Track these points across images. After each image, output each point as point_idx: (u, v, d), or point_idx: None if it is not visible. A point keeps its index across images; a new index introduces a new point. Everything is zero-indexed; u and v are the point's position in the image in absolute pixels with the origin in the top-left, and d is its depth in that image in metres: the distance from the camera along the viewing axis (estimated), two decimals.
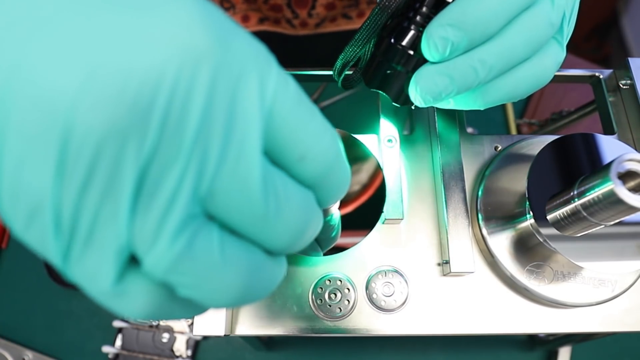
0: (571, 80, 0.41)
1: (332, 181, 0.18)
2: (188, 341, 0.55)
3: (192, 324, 0.42)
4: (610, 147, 0.33)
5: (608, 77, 0.40)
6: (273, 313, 0.33)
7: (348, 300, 0.33)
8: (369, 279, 0.34)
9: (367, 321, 0.33)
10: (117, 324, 0.55)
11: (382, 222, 0.35)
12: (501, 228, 0.34)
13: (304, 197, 0.17)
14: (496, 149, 0.38)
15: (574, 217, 0.29)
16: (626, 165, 0.26)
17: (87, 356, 0.55)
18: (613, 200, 0.26)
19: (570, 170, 0.32)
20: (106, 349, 0.54)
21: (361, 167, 0.35)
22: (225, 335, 0.31)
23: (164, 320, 0.56)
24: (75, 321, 0.56)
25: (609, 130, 0.39)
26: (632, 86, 0.38)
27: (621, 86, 0.39)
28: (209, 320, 0.31)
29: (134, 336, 0.55)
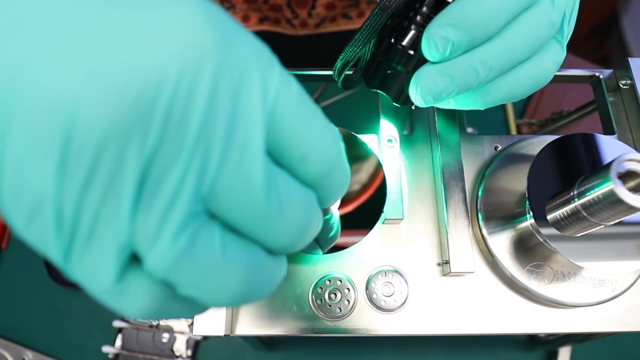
0: (571, 80, 0.41)
1: (333, 181, 0.18)
2: (188, 341, 0.55)
3: (192, 324, 0.42)
4: (610, 147, 0.33)
5: (608, 77, 0.40)
6: (273, 313, 0.33)
7: (348, 300, 0.33)
8: (369, 279, 0.34)
9: (367, 321, 0.33)
10: (117, 324, 0.55)
11: (382, 222, 0.35)
12: (501, 228, 0.34)
13: (305, 197, 0.17)
14: (496, 149, 0.38)
15: (574, 217, 0.29)
16: (626, 165, 0.26)
17: (87, 356, 0.55)
18: (613, 200, 0.26)
19: (570, 170, 0.32)
20: (106, 349, 0.54)
21: (362, 166, 0.35)
22: (225, 335, 0.31)
23: (164, 320, 0.56)
24: (75, 321, 0.56)
25: (609, 130, 0.39)
26: (632, 86, 0.38)
27: (621, 86, 0.39)
28: (209, 320, 0.31)
29: (134, 336, 0.55)
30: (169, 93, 0.14)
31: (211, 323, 0.31)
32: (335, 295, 0.33)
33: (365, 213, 0.34)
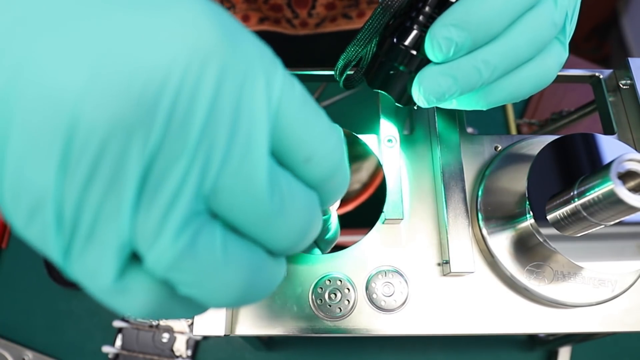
0: (571, 80, 0.41)
1: (335, 183, 0.18)
2: (188, 341, 0.55)
3: (192, 324, 0.42)
4: (610, 147, 0.33)
5: (608, 77, 0.40)
6: (273, 313, 0.33)
7: (348, 300, 0.33)
8: (369, 279, 0.34)
9: (367, 321, 0.33)
10: (117, 324, 0.55)
11: (382, 222, 0.35)
12: (501, 228, 0.34)
13: (308, 199, 0.17)
14: (496, 149, 0.38)
15: (574, 217, 0.29)
16: (626, 165, 0.26)
17: (87, 356, 0.55)
18: (613, 200, 0.26)
19: (570, 170, 0.32)
20: (106, 349, 0.54)
21: (362, 166, 0.35)
22: (225, 335, 0.31)
23: (164, 320, 0.56)
24: (75, 321, 0.56)
25: (609, 130, 0.39)
26: (632, 86, 0.38)
27: (621, 86, 0.39)
28: (209, 320, 0.31)
29: (134, 336, 0.55)
30: (173, 91, 0.14)
31: (211, 323, 0.31)
32: (335, 295, 0.33)
33: (365, 213, 0.34)
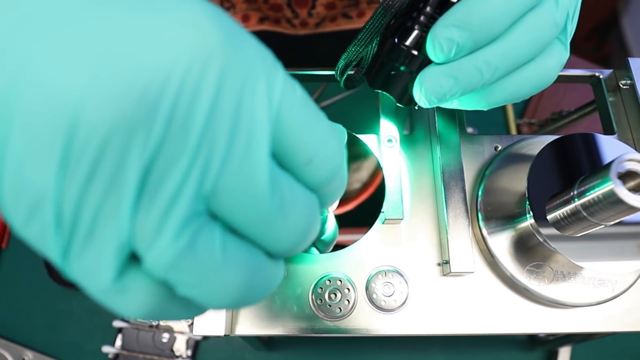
0: (571, 80, 0.41)
1: (334, 186, 0.18)
2: (188, 341, 0.55)
3: (192, 324, 0.42)
4: (610, 147, 0.33)
5: (608, 77, 0.40)
6: (273, 313, 0.33)
7: (348, 300, 0.33)
8: (369, 279, 0.33)
9: (367, 321, 0.33)
10: (117, 324, 0.55)
11: (382, 222, 0.35)
12: (501, 228, 0.34)
13: (308, 201, 0.17)
14: (496, 149, 0.38)
15: (574, 217, 0.29)
16: (626, 165, 0.26)
17: (87, 356, 0.55)
18: (613, 200, 0.26)
19: (570, 170, 0.32)
20: (106, 349, 0.54)
21: (361, 166, 0.35)
22: (225, 335, 0.31)
23: (164, 320, 0.56)
24: (75, 321, 0.56)
25: (609, 130, 0.39)
26: (632, 86, 0.38)
27: (621, 86, 0.39)
28: (209, 320, 0.31)
29: (134, 336, 0.55)
30: (174, 92, 0.14)
31: (211, 323, 0.31)
32: (335, 295, 0.33)
33: (364, 212, 0.34)
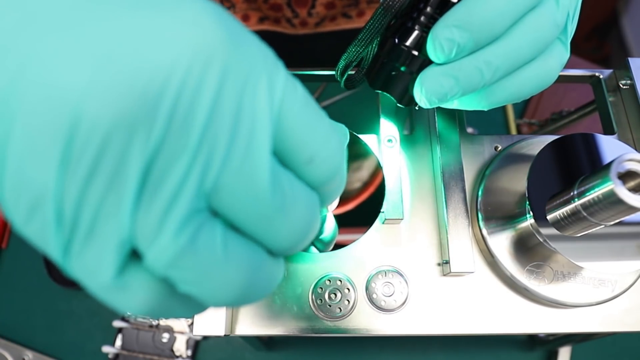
0: (571, 80, 0.41)
1: (334, 185, 0.18)
2: (188, 341, 0.55)
3: (192, 324, 0.42)
4: (610, 147, 0.33)
5: (608, 77, 0.40)
6: (273, 313, 0.33)
7: (348, 300, 0.33)
8: (369, 279, 0.33)
9: (367, 321, 0.33)
10: (117, 324, 0.55)
11: (382, 222, 0.35)
12: (501, 228, 0.34)
13: (309, 200, 0.17)
14: (496, 149, 0.38)
15: (574, 217, 0.29)
16: (626, 165, 0.26)
17: (87, 356, 0.55)
18: (613, 200, 0.26)
19: (570, 170, 0.32)
20: (106, 349, 0.54)
21: (361, 165, 0.35)
22: (225, 335, 0.31)
23: (164, 320, 0.56)
24: (75, 321, 0.56)
25: (609, 130, 0.39)
26: (632, 86, 0.38)
27: (621, 86, 0.39)
28: (209, 320, 0.31)
29: (134, 336, 0.55)
30: (175, 89, 0.14)
31: (211, 323, 0.31)
32: (335, 295, 0.33)
33: (364, 212, 0.34)
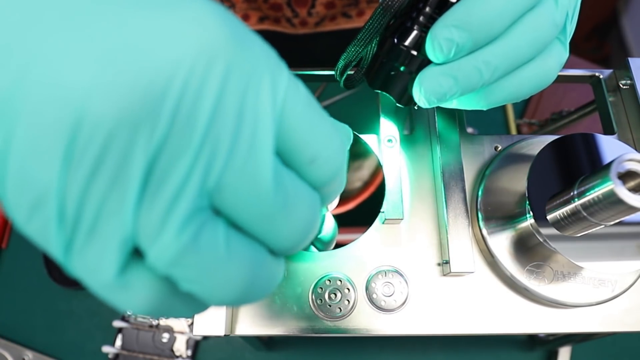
0: (571, 80, 0.41)
1: (335, 185, 0.18)
2: (188, 341, 0.55)
3: (192, 324, 0.41)
4: (610, 147, 0.33)
5: (608, 77, 0.40)
6: (273, 313, 0.33)
7: (348, 300, 0.33)
8: (369, 279, 0.33)
9: (367, 321, 0.33)
10: (117, 324, 0.55)
11: (382, 222, 0.35)
12: (501, 228, 0.34)
13: (311, 200, 0.17)
14: (496, 149, 0.38)
15: (574, 217, 0.29)
16: (626, 165, 0.26)
17: (87, 356, 0.55)
18: (613, 200, 0.26)
19: (570, 170, 0.32)
20: (106, 349, 0.54)
21: (361, 164, 0.35)
22: (225, 335, 0.31)
23: (164, 320, 0.56)
24: (75, 321, 0.56)
25: (609, 130, 0.39)
26: (632, 86, 0.38)
27: (621, 86, 0.39)
28: (209, 320, 0.31)
29: (134, 336, 0.55)
30: (179, 88, 0.14)
31: (211, 323, 0.31)
32: (335, 295, 0.33)
33: (364, 212, 0.34)
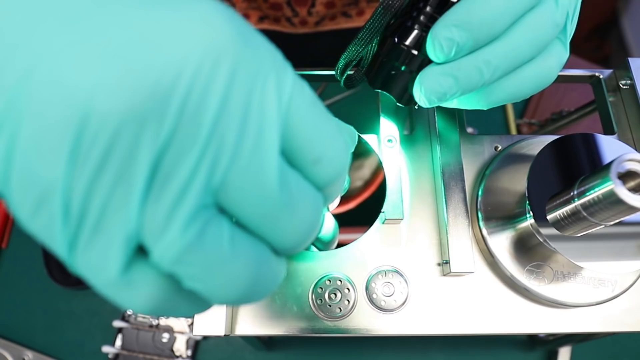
0: (571, 80, 0.41)
1: (337, 185, 0.18)
2: (188, 341, 0.55)
3: (192, 323, 0.41)
4: (610, 147, 0.33)
5: (608, 77, 0.40)
6: (273, 313, 0.33)
7: (348, 300, 0.33)
8: (369, 279, 0.33)
9: (367, 321, 0.33)
10: (117, 324, 0.55)
11: (382, 222, 0.35)
12: (501, 228, 0.34)
13: (315, 199, 0.17)
14: (496, 149, 0.38)
15: (574, 217, 0.29)
16: (626, 165, 0.26)
17: (87, 356, 0.55)
18: (613, 200, 0.26)
19: (570, 170, 0.32)
20: (106, 349, 0.54)
21: (362, 164, 0.35)
22: (225, 335, 0.31)
23: (165, 320, 0.56)
24: (75, 321, 0.56)
25: (609, 130, 0.39)
26: (632, 86, 0.38)
27: (621, 86, 0.39)
28: (209, 320, 0.31)
29: (134, 336, 0.55)
30: (186, 85, 0.14)
31: (211, 323, 0.31)
32: (335, 295, 0.33)
33: (364, 211, 0.34)
